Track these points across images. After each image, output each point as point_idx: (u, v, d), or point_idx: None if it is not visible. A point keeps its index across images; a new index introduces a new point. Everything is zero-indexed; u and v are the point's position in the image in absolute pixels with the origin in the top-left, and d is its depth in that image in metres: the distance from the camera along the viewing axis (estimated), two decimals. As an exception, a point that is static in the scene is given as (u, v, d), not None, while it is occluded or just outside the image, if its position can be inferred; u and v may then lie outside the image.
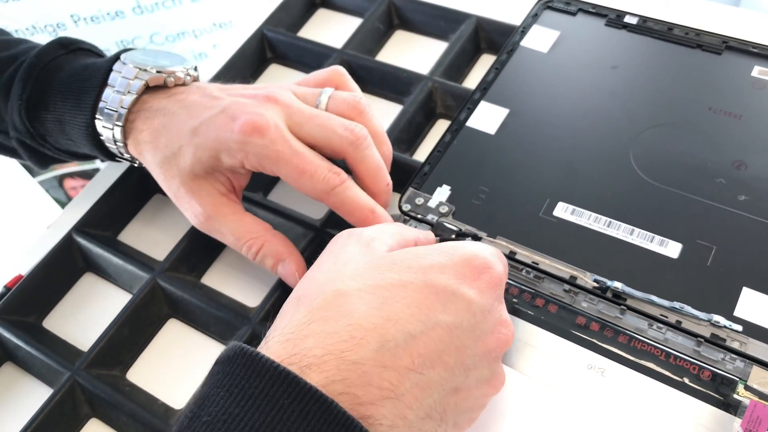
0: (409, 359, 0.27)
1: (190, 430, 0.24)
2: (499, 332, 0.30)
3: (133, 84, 0.40)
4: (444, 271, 0.30)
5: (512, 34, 0.50)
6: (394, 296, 0.28)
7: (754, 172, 0.40)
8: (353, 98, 0.40)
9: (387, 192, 0.40)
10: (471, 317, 0.29)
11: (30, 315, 0.44)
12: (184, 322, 0.43)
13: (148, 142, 0.40)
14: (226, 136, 0.37)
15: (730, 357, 0.34)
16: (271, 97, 0.39)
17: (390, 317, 0.27)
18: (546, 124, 0.45)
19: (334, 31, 0.57)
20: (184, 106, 0.39)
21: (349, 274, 0.29)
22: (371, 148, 0.39)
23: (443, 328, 0.28)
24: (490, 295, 0.30)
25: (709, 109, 0.44)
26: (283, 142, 0.37)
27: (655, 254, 0.38)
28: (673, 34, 0.48)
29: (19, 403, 0.41)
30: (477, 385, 0.30)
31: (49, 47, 0.43)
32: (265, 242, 0.39)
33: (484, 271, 0.30)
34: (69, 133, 0.42)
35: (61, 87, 0.42)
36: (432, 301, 0.28)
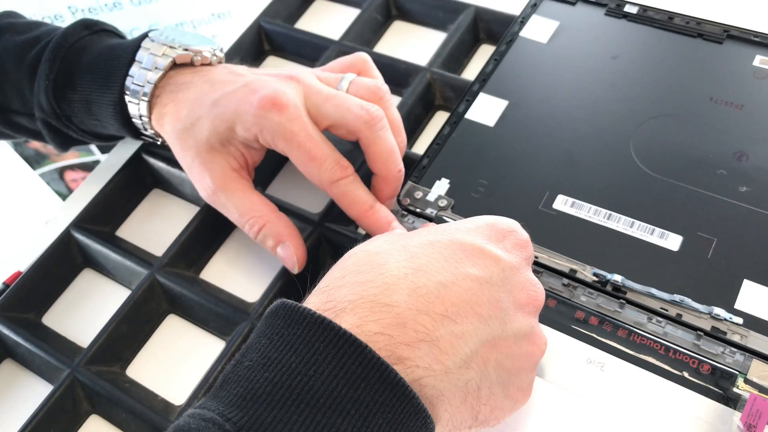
0: (442, 306, 0.28)
1: (233, 374, 0.26)
2: (528, 289, 0.31)
3: (160, 61, 0.40)
4: (470, 232, 0.31)
5: (511, 25, 0.49)
6: (423, 252, 0.29)
7: (756, 163, 0.40)
8: (374, 84, 0.41)
9: (398, 178, 0.40)
10: (500, 272, 0.30)
11: (29, 311, 0.44)
12: (183, 318, 0.43)
13: (170, 114, 0.40)
14: (244, 108, 0.38)
15: (729, 350, 0.34)
16: (294, 77, 0.39)
17: (420, 268, 0.29)
18: (545, 115, 0.44)
19: (332, 22, 0.56)
20: (209, 80, 0.40)
21: (381, 241, 0.31)
22: (386, 131, 0.39)
23: (473, 280, 0.29)
24: (517, 255, 0.31)
25: (710, 99, 0.43)
26: (299, 123, 0.37)
27: (655, 247, 0.38)
28: (674, 23, 0.47)
29: (20, 400, 0.41)
30: (516, 341, 0.30)
31: (74, 28, 0.43)
32: (267, 222, 0.39)
33: (508, 233, 0.32)
34: (96, 112, 0.43)
35: (89, 67, 0.42)
36: (460, 256, 0.30)
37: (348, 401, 0.24)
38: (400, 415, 0.25)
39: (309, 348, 0.25)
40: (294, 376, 0.25)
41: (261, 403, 0.24)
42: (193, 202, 0.48)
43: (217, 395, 0.26)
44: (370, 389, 0.25)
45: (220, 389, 0.26)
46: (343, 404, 0.24)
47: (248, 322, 0.40)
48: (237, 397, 0.25)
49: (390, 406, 0.25)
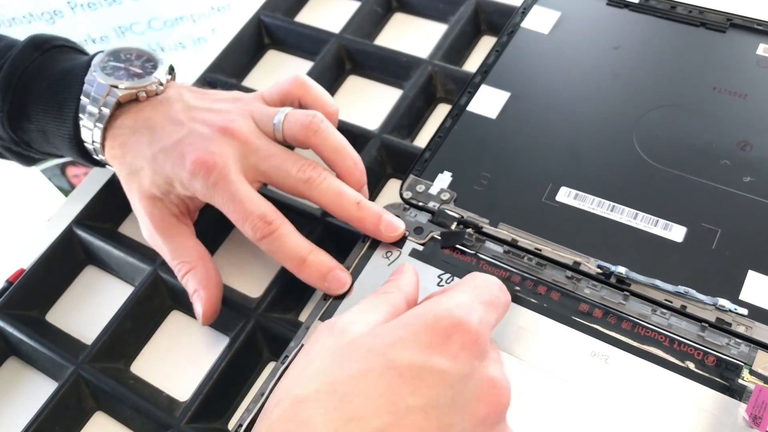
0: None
1: None
2: (488, 396, 0.26)
3: (105, 100, 0.40)
4: (406, 345, 0.26)
5: (512, 15, 0.49)
6: (354, 390, 0.25)
7: (760, 153, 0.40)
8: (307, 119, 0.40)
9: (355, 170, 0.40)
10: (447, 390, 0.25)
11: (32, 309, 0.44)
12: (186, 314, 0.43)
13: (117, 157, 0.41)
14: (178, 171, 0.39)
15: (734, 342, 0.34)
16: (228, 129, 0.39)
17: (352, 416, 0.24)
18: (548, 107, 0.44)
19: (332, 15, 0.56)
20: (149, 126, 0.40)
21: (310, 374, 0.26)
22: (327, 180, 0.39)
23: (417, 413, 0.25)
24: (465, 358, 0.26)
25: (714, 88, 0.43)
26: (223, 185, 0.38)
27: (659, 238, 0.38)
28: (676, 12, 0.47)
29: (24, 398, 0.41)
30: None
31: (23, 52, 0.42)
32: (193, 268, 0.40)
33: (452, 332, 0.26)
34: (54, 142, 0.43)
35: (41, 98, 0.42)
36: (398, 386, 0.25)
37: None
38: None
39: None
40: None
41: None
42: (195, 197, 0.48)
43: None
44: None
45: None
46: None
47: (251, 318, 0.40)
48: None
49: None
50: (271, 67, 0.55)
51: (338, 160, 0.40)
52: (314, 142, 0.39)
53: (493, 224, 0.39)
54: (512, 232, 0.39)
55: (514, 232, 0.39)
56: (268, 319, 0.40)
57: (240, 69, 0.54)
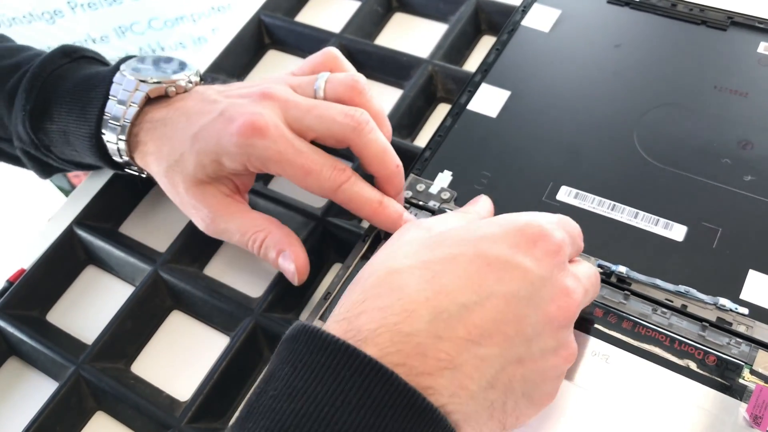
0: (465, 330, 0.27)
1: (258, 404, 0.26)
2: (560, 300, 0.29)
3: (134, 96, 0.39)
4: (496, 241, 0.29)
5: (513, 14, 0.49)
6: (445, 269, 0.28)
7: (761, 152, 0.40)
8: (351, 78, 0.39)
9: (398, 173, 0.39)
10: (528, 286, 0.28)
11: (33, 309, 0.44)
12: (187, 314, 0.43)
13: (152, 153, 0.40)
14: (226, 140, 0.37)
15: (735, 341, 0.34)
16: (267, 93, 0.38)
17: (441, 290, 0.27)
18: (548, 106, 0.44)
19: (332, 15, 0.56)
20: (184, 113, 0.39)
21: (402, 253, 0.30)
22: (374, 132, 0.38)
23: (499, 298, 0.28)
24: (547, 264, 0.29)
25: (715, 87, 0.43)
26: (284, 141, 0.36)
27: (659, 237, 0.37)
28: (677, 10, 0.47)
29: (25, 398, 0.41)
30: (542, 355, 0.29)
31: (53, 56, 0.42)
32: (268, 234, 0.39)
33: (539, 239, 0.29)
34: (74, 143, 0.42)
35: (65, 97, 0.41)
36: (485, 272, 0.28)
37: (376, 431, 0.24)
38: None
39: (335, 377, 0.25)
40: (321, 408, 0.24)
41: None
42: (196, 197, 0.48)
43: (243, 426, 0.25)
44: (397, 417, 0.24)
45: (246, 420, 0.25)
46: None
47: (252, 318, 0.40)
48: (264, 430, 0.25)
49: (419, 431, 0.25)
50: (272, 67, 0.55)
51: (377, 124, 0.39)
52: (358, 102, 0.39)
53: (494, 224, 0.39)
54: (512, 232, 0.39)
55: (514, 232, 0.39)
56: (269, 319, 0.40)
57: (240, 69, 0.54)
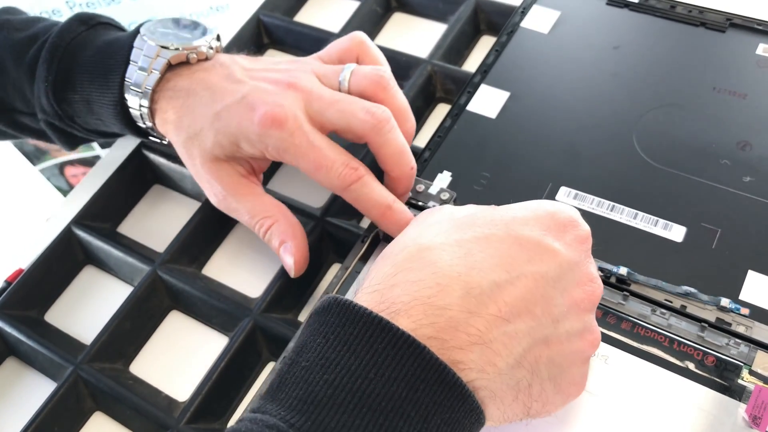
0: (496, 307, 0.27)
1: (290, 375, 0.26)
2: (586, 285, 0.30)
3: (155, 62, 0.39)
4: (528, 223, 0.30)
5: (512, 15, 0.49)
6: (477, 247, 0.29)
7: (759, 153, 0.40)
8: (376, 74, 0.39)
9: (411, 175, 0.39)
10: (557, 268, 0.29)
11: (31, 309, 0.44)
12: (185, 314, 0.43)
13: (172, 122, 0.40)
14: (246, 126, 0.37)
15: (734, 342, 0.34)
16: (292, 84, 0.38)
17: (474, 266, 0.28)
18: (547, 107, 0.44)
19: (331, 14, 0.56)
20: (207, 87, 0.39)
21: (433, 232, 0.30)
22: (393, 131, 0.38)
23: (528, 278, 0.28)
24: (576, 249, 0.30)
25: (713, 88, 0.43)
26: (301, 135, 0.37)
27: (659, 238, 0.38)
28: (676, 12, 0.47)
29: (23, 398, 0.41)
30: (568, 338, 0.29)
31: (70, 24, 0.42)
32: (275, 222, 0.39)
33: (569, 225, 0.30)
34: (98, 112, 0.42)
35: (86, 66, 0.41)
36: (516, 252, 0.29)
37: (408, 403, 0.25)
38: (456, 413, 0.25)
39: (368, 349, 0.25)
40: (354, 379, 0.25)
41: (323, 406, 0.24)
42: (194, 197, 0.48)
43: (275, 397, 0.25)
44: (428, 390, 0.25)
45: (278, 390, 0.26)
46: (403, 407, 0.24)
47: (250, 318, 0.40)
48: (297, 400, 0.25)
49: (448, 405, 0.25)
50: (271, 67, 0.55)
51: (400, 120, 0.39)
52: (382, 98, 0.39)
53: (493, 224, 0.39)
54: (512, 232, 0.39)
55: (513, 232, 0.39)
56: (268, 319, 0.40)
57: (239, 68, 0.54)
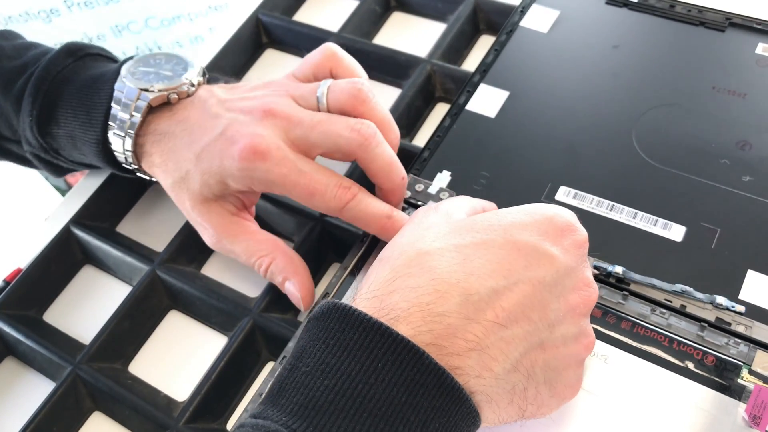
0: (493, 313, 0.27)
1: (290, 381, 0.26)
2: (582, 290, 0.30)
3: (136, 105, 0.39)
4: (526, 228, 0.30)
5: (511, 14, 0.49)
6: (475, 253, 0.29)
7: (759, 152, 0.40)
8: (353, 87, 0.38)
9: (403, 186, 0.39)
10: (554, 273, 0.29)
11: (30, 309, 0.44)
12: (184, 314, 0.43)
13: (159, 165, 0.40)
14: (228, 164, 0.37)
15: (734, 341, 0.34)
16: (269, 110, 0.37)
17: (472, 272, 0.28)
18: (547, 106, 0.44)
19: (330, 14, 0.56)
20: (186, 128, 0.39)
21: (431, 236, 0.30)
22: (381, 146, 0.37)
23: (526, 284, 0.28)
24: (573, 254, 0.30)
25: (713, 88, 0.43)
26: (287, 163, 0.36)
27: (658, 237, 0.37)
28: (675, 11, 0.47)
29: (22, 398, 0.41)
30: (564, 342, 0.29)
31: (57, 57, 0.42)
32: (273, 260, 0.39)
33: (567, 230, 0.30)
34: (81, 148, 0.42)
35: (71, 102, 0.41)
36: (514, 257, 0.29)
37: (408, 408, 0.25)
38: (454, 417, 0.26)
39: (368, 354, 0.25)
40: (355, 384, 0.25)
41: (324, 412, 0.24)
42: (193, 197, 0.48)
43: (276, 402, 0.25)
44: (428, 395, 0.25)
45: (278, 396, 0.26)
46: (403, 411, 0.25)
47: (250, 318, 0.39)
48: (298, 406, 0.25)
49: (446, 410, 0.25)
50: (269, 67, 0.55)
51: (384, 131, 0.38)
52: (362, 111, 0.38)
53: (493, 224, 0.39)
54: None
55: (513, 232, 0.39)
56: (267, 319, 0.39)
57: (238, 68, 0.54)
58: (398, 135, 0.40)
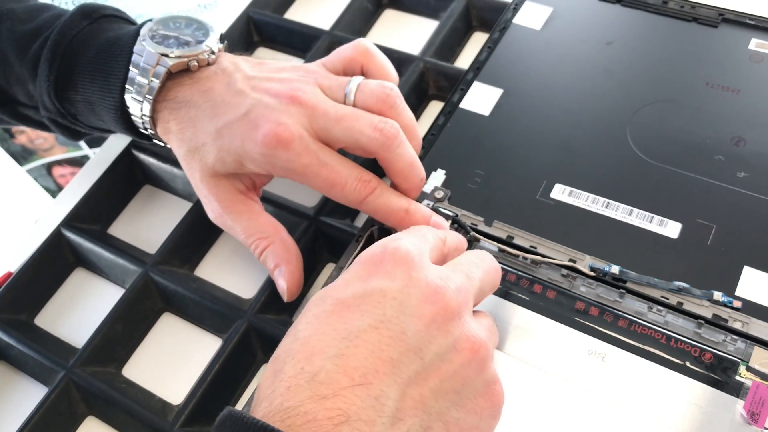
0: (347, 378, 0.26)
1: None
2: (431, 298, 0.28)
3: (155, 70, 0.38)
4: (348, 283, 0.29)
5: (504, 12, 0.49)
6: (311, 332, 0.28)
7: (754, 148, 0.40)
8: (382, 91, 0.38)
9: (421, 187, 0.39)
10: (391, 302, 0.28)
11: (21, 313, 0.43)
12: (178, 316, 0.42)
13: (175, 132, 0.39)
14: (250, 147, 0.36)
15: (731, 338, 0.34)
16: (296, 98, 0.37)
17: (313, 352, 0.27)
18: (541, 103, 0.44)
19: (322, 11, 0.55)
20: (209, 98, 0.38)
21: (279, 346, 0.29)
22: (403, 146, 0.37)
23: (369, 331, 0.27)
24: (400, 272, 0.28)
25: (707, 84, 0.43)
26: (308, 154, 0.36)
27: (654, 235, 0.37)
28: (668, 7, 0.47)
29: (14, 403, 0.40)
30: (442, 359, 0.27)
31: (72, 20, 0.41)
32: (270, 244, 0.39)
33: (382, 257, 0.29)
34: (99, 113, 0.41)
35: (88, 66, 0.40)
36: (346, 315, 0.28)
37: None
38: None
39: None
40: None
41: None
42: (185, 197, 0.47)
43: None
44: None
45: None
46: None
47: (244, 320, 0.39)
48: None
49: None
50: (261, 65, 0.54)
51: (407, 137, 0.38)
52: (389, 116, 0.38)
53: (488, 222, 0.39)
54: (507, 230, 0.39)
55: (509, 230, 0.39)
56: (262, 320, 0.39)
57: (229, 67, 0.53)
58: (420, 143, 0.40)
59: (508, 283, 0.37)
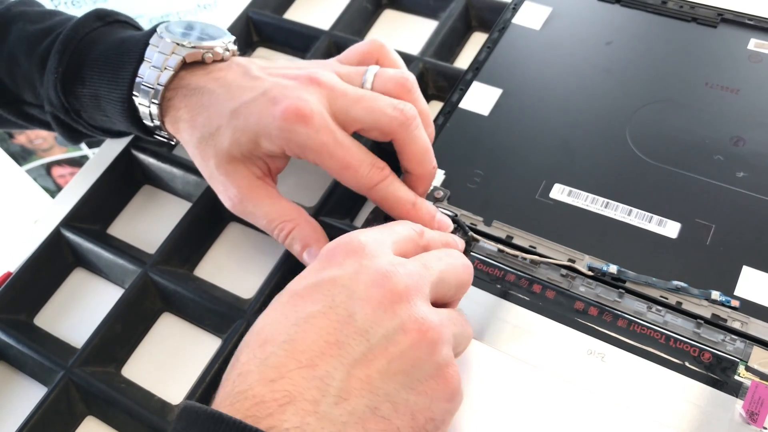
0: (295, 361, 0.27)
1: None
2: (380, 283, 0.29)
3: (169, 60, 0.38)
4: (303, 277, 0.30)
5: (503, 12, 0.49)
6: (266, 322, 0.29)
7: (753, 148, 0.40)
8: (401, 76, 0.38)
9: (432, 175, 0.39)
10: (341, 289, 0.29)
11: (20, 313, 0.43)
12: (177, 316, 0.42)
13: (186, 121, 0.39)
14: (267, 121, 0.36)
15: (730, 338, 0.34)
16: (314, 79, 0.37)
17: (266, 340, 0.28)
18: (540, 103, 0.44)
19: (321, 12, 0.55)
20: (224, 85, 0.38)
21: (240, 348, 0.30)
22: (420, 129, 0.37)
23: (317, 316, 0.28)
24: (350, 262, 0.30)
25: (706, 84, 0.43)
26: (327, 132, 0.36)
27: (653, 234, 0.37)
28: (667, 7, 0.47)
29: (13, 403, 0.40)
30: (389, 340, 0.28)
31: (86, 19, 0.41)
32: (296, 226, 0.38)
33: (335, 250, 0.30)
34: (105, 108, 0.41)
35: (97, 61, 0.40)
36: (298, 303, 0.29)
37: None
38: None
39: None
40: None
41: None
42: (185, 197, 0.47)
43: None
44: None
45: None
46: None
47: (244, 320, 0.39)
48: None
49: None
50: (261, 65, 0.54)
51: (423, 123, 0.38)
52: (406, 100, 0.38)
53: (487, 222, 0.39)
54: (506, 230, 0.39)
55: (508, 230, 0.39)
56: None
57: (229, 67, 0.53)
58: (434, 131, 0.41)
59: (508, 283, 0.37)
